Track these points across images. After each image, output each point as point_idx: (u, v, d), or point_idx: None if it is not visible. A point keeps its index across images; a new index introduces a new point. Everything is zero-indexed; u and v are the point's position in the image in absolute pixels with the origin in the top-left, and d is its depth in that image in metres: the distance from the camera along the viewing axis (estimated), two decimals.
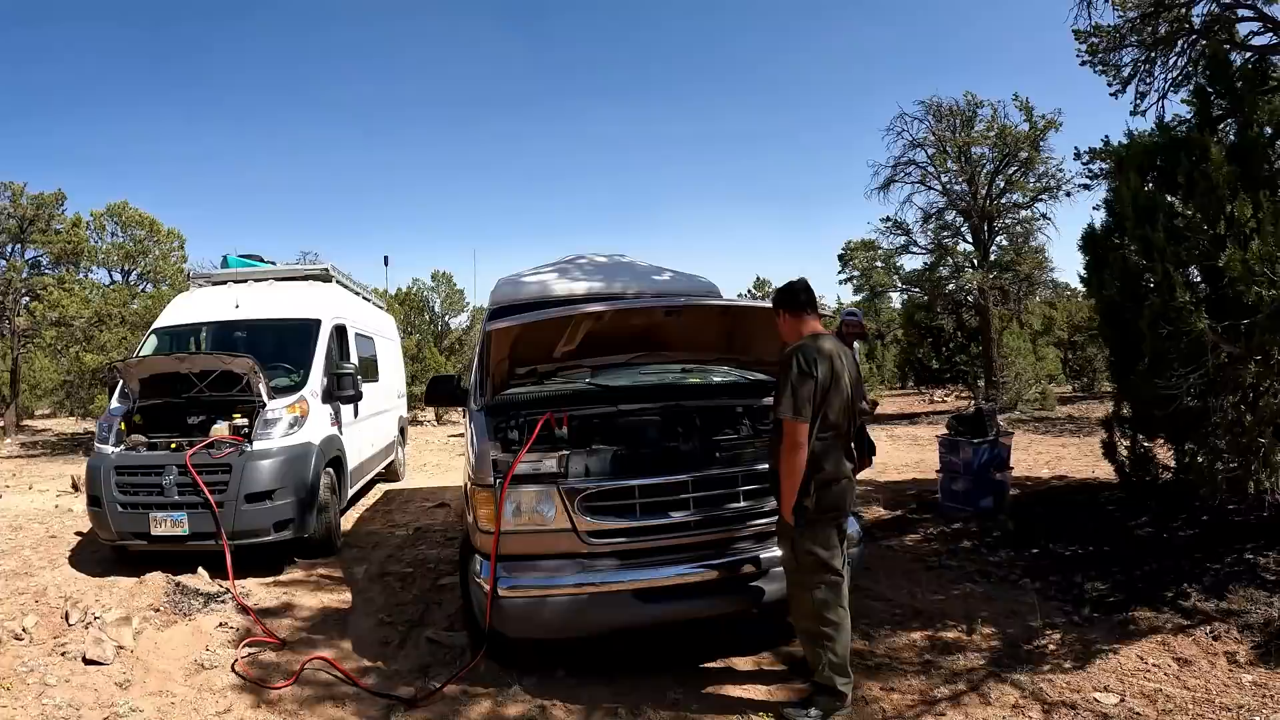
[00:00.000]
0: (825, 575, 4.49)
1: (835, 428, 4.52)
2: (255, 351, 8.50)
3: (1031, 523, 8.15)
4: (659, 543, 5.02)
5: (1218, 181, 5.46)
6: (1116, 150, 8.32)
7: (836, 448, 4.55)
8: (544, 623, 4.90)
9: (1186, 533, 7.13)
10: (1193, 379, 5.52)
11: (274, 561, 7.99)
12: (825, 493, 4.47)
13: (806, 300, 4.78)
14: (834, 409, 4.49)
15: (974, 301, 25.63)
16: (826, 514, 4.49)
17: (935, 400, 30.17)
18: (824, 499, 4.46)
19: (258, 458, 7.80)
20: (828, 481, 4.48)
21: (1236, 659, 5.04)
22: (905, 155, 26.21)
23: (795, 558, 4.54)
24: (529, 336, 5.60)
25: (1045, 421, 19.91)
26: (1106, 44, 11.33)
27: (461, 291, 37.87)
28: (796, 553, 4.52)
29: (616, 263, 7.80)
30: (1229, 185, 5.46)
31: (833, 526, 4.55)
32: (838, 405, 4.51)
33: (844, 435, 4.61)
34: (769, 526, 5.06)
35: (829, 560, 4.50)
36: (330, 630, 6.28)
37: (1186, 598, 5.89)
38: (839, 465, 4.55)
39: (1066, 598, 6.23)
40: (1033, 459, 13.18)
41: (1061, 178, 24.67)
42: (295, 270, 11.59)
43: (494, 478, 4.94)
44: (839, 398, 4.51)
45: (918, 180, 26.37)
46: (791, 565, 4.60)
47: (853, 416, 4.66)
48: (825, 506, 4.47)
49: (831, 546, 4.52)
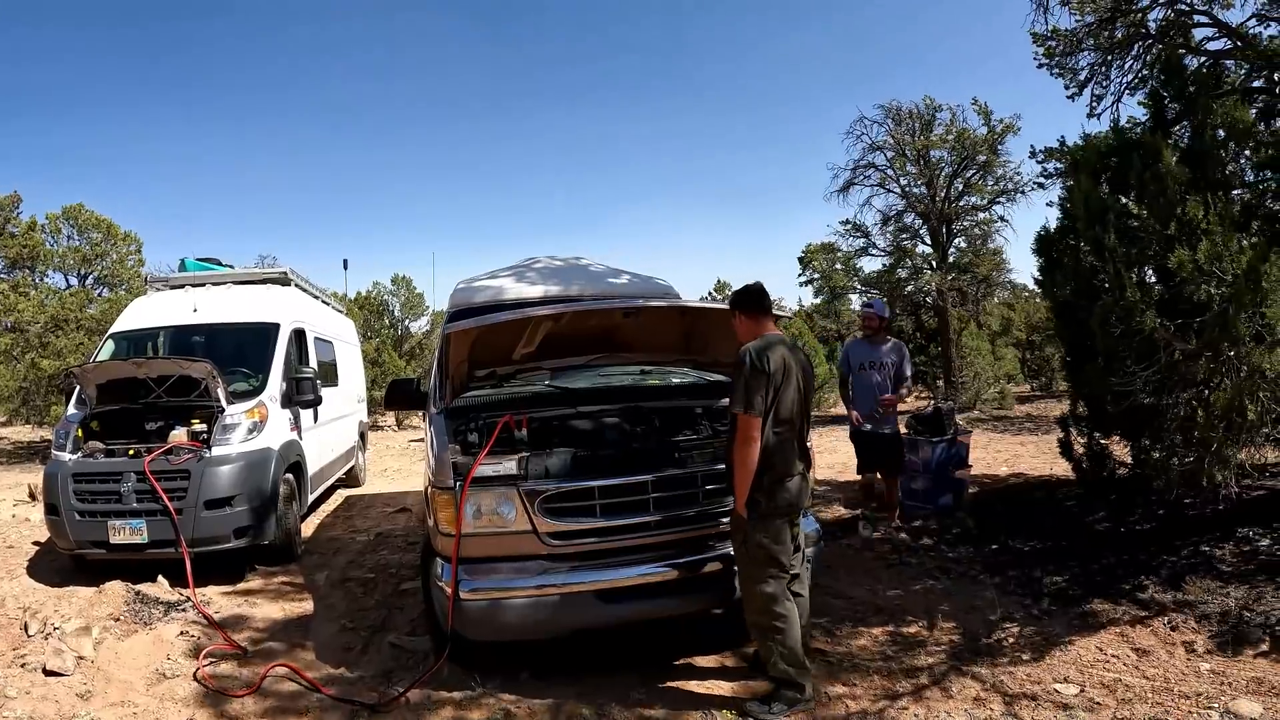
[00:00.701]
0: (774, 569, 4.58)
1: (788, 424, 4.61)
2: (214, 356, 8.41)
3: (991, 520, 8.26)
4: (620, 543, 5.04)
5: (1170, 184, 5.55)
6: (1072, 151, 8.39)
7: (789, 444, 4.64)
8: (506, 625, 4.90)
9: (1143, 527, 7.28)
10: (1146, 376, 5.60)
11: (234, 569, 7.88)
12: (778, 488, 4.57)
13: (763, 304, 4.91)
14: (786, 406, 4.59)
15: (933, 303, 25.93)
16: (779, 509, 4.59)
17: None
18: (777, 494, 4.56)
19: (217, 464, 7.69)
20: (781, 477, 4.58)
21: (1194, 648, 5.13)
22: (865, 158, 26.70)
23: (746, 551, 4.62)
24: (488, 339, 5.58)
25: (1004, 420, 20.16)
26: (1063, 48, 11.48)
27: (421, 295, 37.61)
28: (748, 546, 4.60)
29: (574, 265, 7.81)
30: (1181, 187, 5.56)
31: (785, 522, 4.64)
32: (790, 402, 4.61)
33: (797, 432, 4.70)
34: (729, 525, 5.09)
35: (778, 555, 4.58)
36: (292, 637, 6.22)
37: (1144, 590, 5.99)
38: (792, 461, 4.65)
39: (1025, 592, 6.31)
40: (992, 457, 13.33)
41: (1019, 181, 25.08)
42: (254, 274, 11.46)
43: (454, 480, 4.92)
44: (791, 395, 4.62)
45: (877, 183, 26.84)
46: (743, 558, 4.68)
47: (805, 415, 4.78)
48: (778, 501, 4.57)
49: (782, 541, 4.61)
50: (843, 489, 10.95)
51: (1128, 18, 10.32)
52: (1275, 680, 4.65)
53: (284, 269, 11.34)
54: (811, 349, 27.21)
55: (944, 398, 22.66)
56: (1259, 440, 5.77)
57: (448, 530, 4.94)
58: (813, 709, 4.61)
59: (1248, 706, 4.37)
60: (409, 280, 37.72)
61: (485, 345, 5.68)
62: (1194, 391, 5.45)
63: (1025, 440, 15.82)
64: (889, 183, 26.76)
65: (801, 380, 4.73)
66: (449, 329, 5.51)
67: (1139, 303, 5.34)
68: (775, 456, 4.56)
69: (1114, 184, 6.36)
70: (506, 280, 7.38)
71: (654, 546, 5.07)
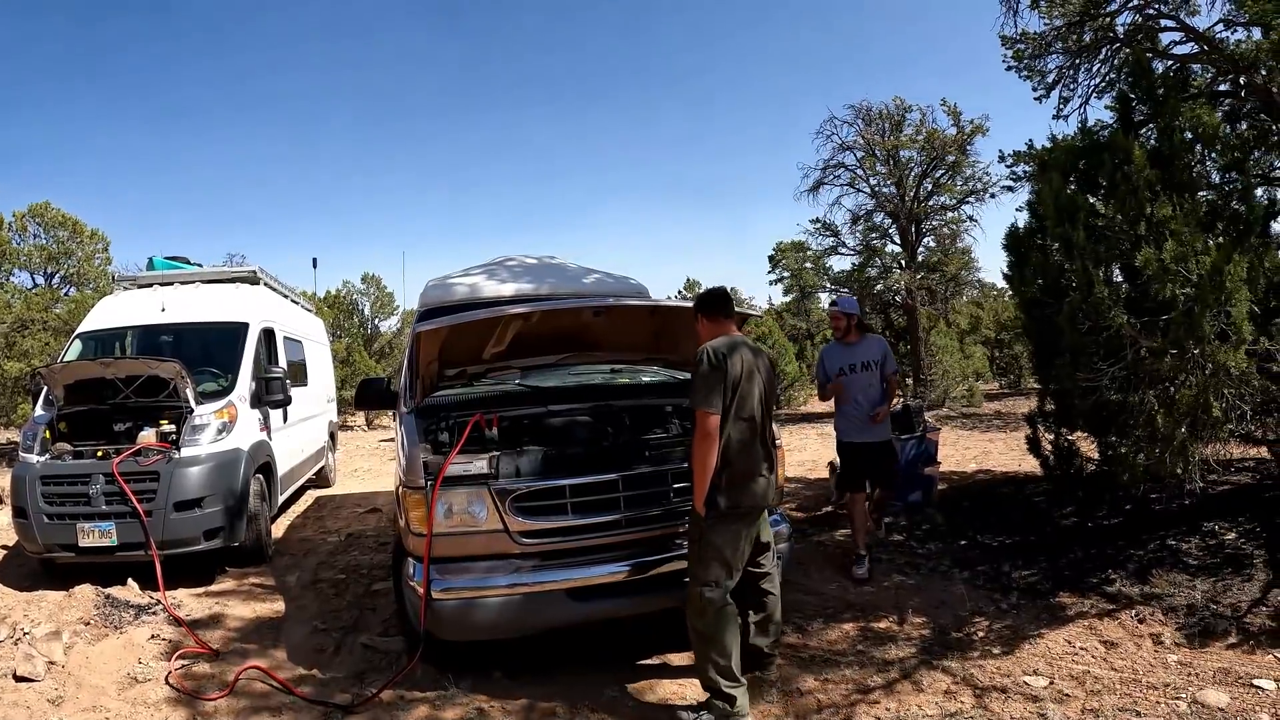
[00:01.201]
0: (720, 573, 4.49)
1: (750, 422, 4.57)
2: (182, 356, 8.32)
3: (960, 516, 8.36)
4: (591, 541, 5.04)
5: (1139, 184, 5.61)
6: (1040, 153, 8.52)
7: (752, 443, 4.60)
8: (478, 624, 4.89)
9: (1110, 522, 7.37)
10: (1112, 372, 5.67)
11: (205, 571, 7.79)
12: (740, 487, 4.51)
13: (724, 307, 4.89)
14: (748, 405, 4.56)
15: (902, 301, 26.10)
16: (739, 509, 4.52)
17: None
18: (737, 493, 4.50)
19: (186, 465, 7.61)
20: (743, 477, 4.53)
21: (1161, 640, 5.21)
22: (834, 158, 26.80)
23: (698, 550, 4.55)
24: (458, 338, 5.58)
25: (973, 418, 20.34)
26: (1032, 50, 11.58)
27: (391, 294, 37.29)
28: (701, 545, 4.53)
29: (546, 264, 7.81)
30: (1150, 188, 5.63)
31: (743, 524, 4.59)
32: (752, 401, 4.58)
33: (760, 432, 4.65)
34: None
35: (730, 559, 4.52)
36: (264, 639, 6.17)
37: (1111, 583, 6.08)
38: (755, 461, 4.60)
39: (995, 586, 6.38)
40: (961, 454, 13.46)
41: (988, 181, 25.30)
42: (222, 273, 11.36)
43: (425, 480, 4.91)
44: (754, 394, 4.60)
45: (846, 183, 26.99)
46: (693, 557, 4.60)
47: (768, 414, 4.75)
48: (738, 501, 4.50)
49: (736, 546, 4.55)
50: (814, 486, 11.01)
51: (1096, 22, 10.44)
52: (1241, 670, 4.73)
53: (253, 268, 11.24)
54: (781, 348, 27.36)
55: (913, 395, 22.86)
56: (1224, 436, 5.85)
57: (419, 530, 4.92)
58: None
59: (1215, 696, 4.44)
60: (379, 279, 37.43)
61: (455, 344, 5.67)
62: (1160, 388, 5.52)
63: (994, 437, 15.98)
64: (859, 182, 26.89)
65: (764, 380, 4.71)
66: (418, 328, 5.49)
67: (1106, 300, 5.41)
68: (736, 455, 4.51)
69: (1082, 184, 6.45)
70: (478, 278, 7.36)
71: (625, 544, 5.08)
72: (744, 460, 4.54)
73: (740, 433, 4.53)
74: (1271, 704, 4.35)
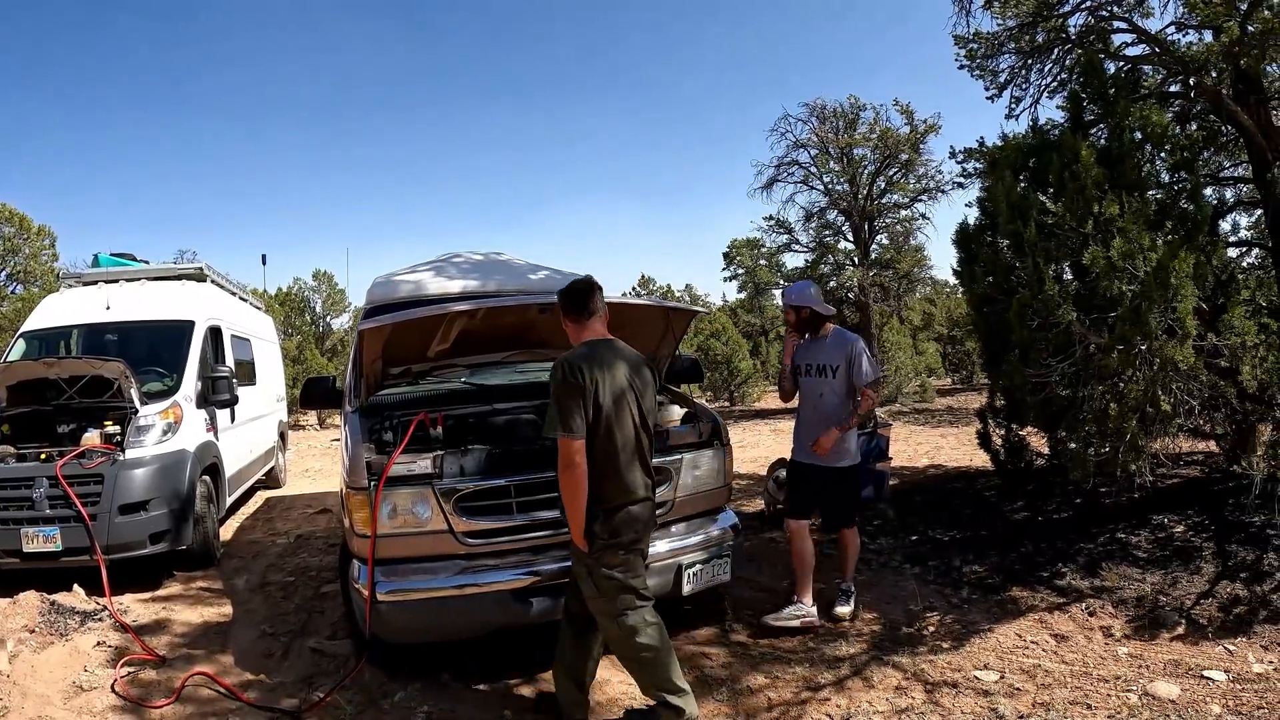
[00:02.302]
0: (630, 599, 4.11)
1: (622, 441, 4.08)
2: (127, 354, 8.14)
3: (911, 511, 8.38)
4: (538, 541, 4.98)
5: (1087, 183, 5.66)
6: (992, 150, 8.55)
7: (628, 466, 4.11)
8: (425, 626, 4.82)
9: (1060, 516, 7.42)
10: (1061, 368, 5.71)
11: (152, 575, 7.60)
12: (615, 517, 4.07)
13: (585, 304, 4.28)
14: (616, 421, 4.05)
15: (855, 298, 26.26)
16: (620, 539, 4.08)
17: None
18: (614, 524, 4.07)
19: (131, 467, 7.38)
20: (618, 505, 4.08)
21: (1112, 633, 5.26)
22: (788, 155, 26.89)
23: (595, 585, 4.11)
24: (403, 336, 5.46)
25: (925, 413, 20.55)
26: (985, 50, 11.57)
27: (343, 291, 37.11)
28: (595, 580, 4.11)
29: (493, 261, 7.70)
30: (1098, 186, 5.68)
31: (632, 552, 4.17)
32: (623, 416, 4.08)
33: (636, 450, 4.15)
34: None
35: (632, 583, 4.12)
36: (211, 644, 6.02)
37: (1062, 577, 6.13)
38: (631, 485, 4.11)
39: (945, 581, 6.41)
40: (913, 449, 13.56)
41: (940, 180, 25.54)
42: (170, 270, 11.14)
43: (368, 480, 4.81)
44: (624, 408, 4.09)
45: (800, 180, 27.13)
46: (592, 594, 4.15)
47: (644, 429, 4.20)
48: (617, 532, 4.07)
49: (634, 568, 4.16)
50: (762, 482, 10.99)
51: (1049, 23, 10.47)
52: (1191, 662, 4.78)
53: (200, 264, 11.06)
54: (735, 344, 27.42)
55: None
56: (1172, 431, 5.92)
57: (363, 531, 4.82)
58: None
59: (1165, 688, 4.48)
60: (330, 276, 37.21)
61: (400, 342, 5.55)
62: (1109, 384, 5.58)
63: (946, 432, 16.14)
64: (812, 180, 27.07)
65: (638, 389, 4.18)
66: (362, 326, 5.38)
67: (1056, 297, 5.45)
68: (609, 481, 4.06)
69: (1033, 182, 6.50)
70: (424, 275, 7.23)
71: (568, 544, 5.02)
72: (619, 486, 4.08)
73: (611, 455, 4.05)
74: (1222, 695, 4.40)
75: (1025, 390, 6.00)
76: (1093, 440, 5.84)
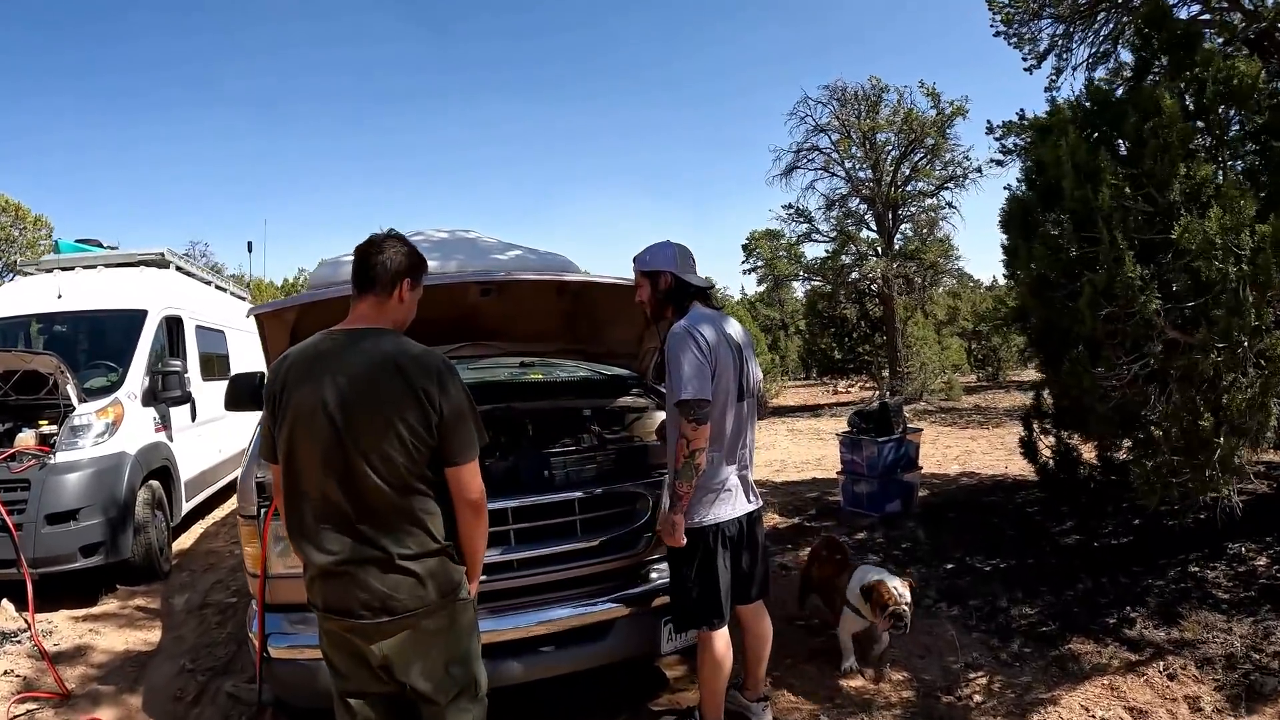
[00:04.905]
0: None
1: (308, 481, 2.68)
2: (76, 347, 8.08)
3: (944, 531, 7.30)
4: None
5: (1173, 139, 4.57)
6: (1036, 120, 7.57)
7: (324, 518, 2.66)
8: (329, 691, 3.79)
9: (1119, 540, 6.40)
10: (1135, 368, 4.65)
11: (93, 588, 7.01)
12: (315, 580, 2.72)
13: (360, 274, 2.86)
14: (306, 452, 2.66)
15: (878, 290, 25.19)
16: (329, 612, 2.71)
17: (839, 391, 29.63)
18: (320, 589, 2.72)
19: (61, 471, 6.80)
20: (316, 571, 2.70)
21: (1200, 706, 4.14)
22: (808, 140, 25.85)
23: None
24: (315, 323, 4.42)
25: (952, 412, 19.46)
26: (1023, 14, 10.71)
27: None
28: None
29: (458, 238, 6.55)
30: (1183, 143, 4.59)
31: (345, 637, 2.72)
32: (313, 447, 2.64)
33: (335, 500, 2.63)
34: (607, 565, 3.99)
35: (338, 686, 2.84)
36: (124, 679, 5.34)
37: (1130, 624, 5.02)
38: (322, 546, 2.66)
39: (990, 627, 5.28)
40: (941, 454, 12.45)
41: (968, 166, 24.45)
42: (129, 256, 10.42)
43: (258, 506, 3.80)
44: (314, 432, 2.62)
45: (821, 166, 26.06)
46: None
47: (346, 465, 2.60)
48: (327, 601, 2.71)
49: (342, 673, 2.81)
50: (780, 492, 9.96)
51: None
52: None
53: (161, 249, 10.32)
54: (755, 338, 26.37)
55: (889, 389, 21.97)
56: (1264, 442, 4.85)
57: (253, 569, 3.85)
58: None
59: None
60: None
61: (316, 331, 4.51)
62: (1201, 389, 4.47)
63: (975, 434, 15.03)
64: (833, 166, 25.93)
65: (343, 390, 2.62)
66: (256, 310, 4.35)
67: (1137, 280, 4.33)
68: (301, 536, 2.73)
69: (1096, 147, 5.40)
70: None
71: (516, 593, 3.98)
72: (312, 544, 2.69)
73: (300, 496, 2.71)
74: None
75: (1094, 394, 4.85)
76: (1170, 456, 4.73)
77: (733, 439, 3.76)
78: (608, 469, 4.18)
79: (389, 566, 2.61)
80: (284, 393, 2.69)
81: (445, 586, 2.69)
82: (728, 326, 3.83)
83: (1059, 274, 4.96)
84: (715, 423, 3.63)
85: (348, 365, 2.64)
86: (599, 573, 4.08)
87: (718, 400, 3.63)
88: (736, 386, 3.74)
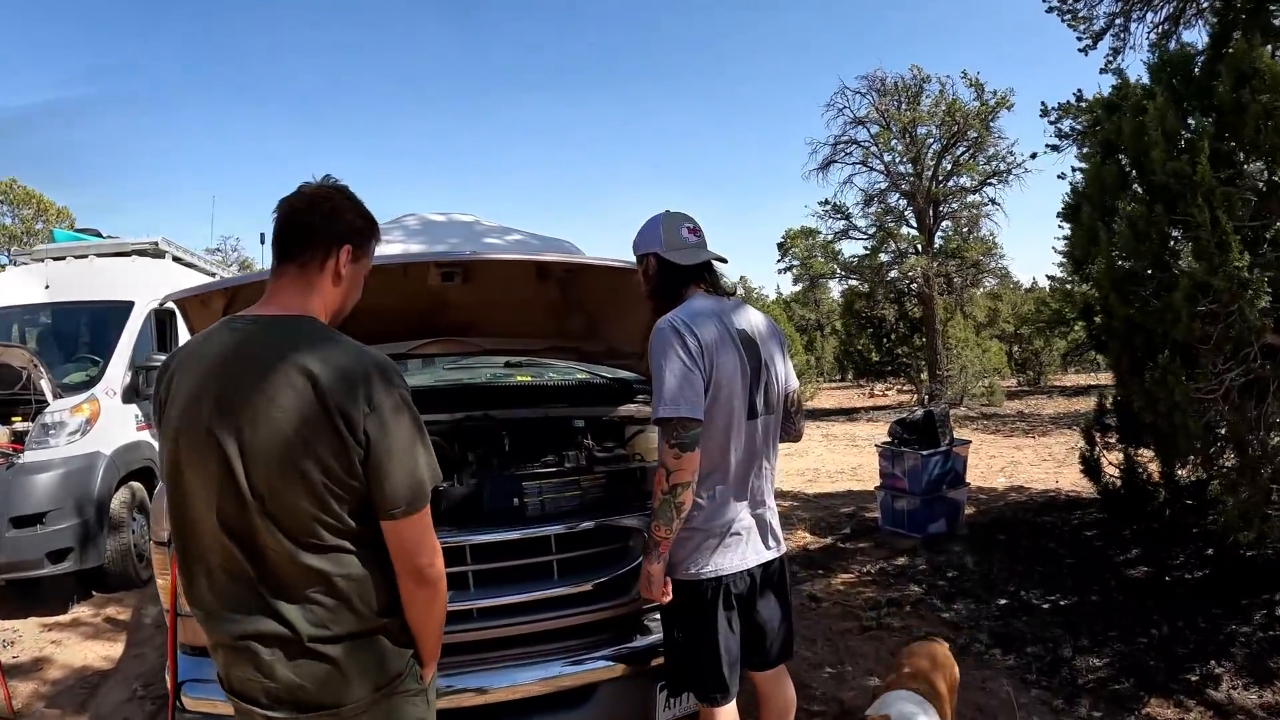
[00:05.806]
0: None
1: (198, 523, 1.85)
2: (63, 340, 8.04)
3: (994, 557, 6.52)
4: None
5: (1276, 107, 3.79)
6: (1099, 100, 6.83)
7: (220, 569, 1.86)
8: None
9: (1193, 575, 5.61)
10: (1231, 378, 3.88)
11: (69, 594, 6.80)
12: (220, 656, 1.92)
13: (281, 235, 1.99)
14: (194, 485, 1.84)
15: (918, 290, 24.31)
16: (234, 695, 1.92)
17: (876, 394, 28.79)
18: (220, 663, 1.94)
19: (29, 472, 6.53)
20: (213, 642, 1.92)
21: None
22: (846, 133, 25.03)
23: None
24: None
25: (994, 418, 18.61)
26: None
27: None
28: None
29: (452, 222, 5.74)
30: None
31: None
32: (201, 481, 1.82)
33: (231, 551, 1.82)
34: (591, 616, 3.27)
35: None
36: (73, 702, 5.01)
37: (1216, 683, 4.23)
38: (215, 610, 1.87)
39: (1053, 683, 4.44)
40: (985, 464, 11.61)
41: (1012, 161, 23.56)
42: (122, 245, 10.10)
43: (166, 532, 3.04)
44: (202, 460, 1.81)
45: (859, 160, 25.23)
46: None
47: (240, 512, 1.79)
48: (226, 681, 1.93)
49: None
50: (812, 505, 9.21)
51: None
52: None
53: (155, 239, 9.96)
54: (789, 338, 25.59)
55: (929, 393, 21.21)
56: None
57: (164, 603, 3.26)
58: None
59: None
60: None
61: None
62: None
63: (1020, 443, 14.15)
64: (872, 160, 25.07)
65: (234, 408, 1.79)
66: (174, 296, 3.62)
67: (1246, 270, 3.53)
68: (191, 589, 1.91)
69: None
70: None
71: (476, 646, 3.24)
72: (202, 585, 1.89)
73: (190, 537, 1.88)
74: None
75: (1187, 408, 4.02)
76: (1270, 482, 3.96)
77: (742, 468, 2.86)
78: (595, 496, 3.42)
79: (297, 650, 1.81)
80: (169, 404, 1.88)
81: (379, 677, 1.88)
82: (738, 319, 2.93)
83: (1148, 263, 4.13)
84: (715, 448, 2.77)
85: (244, 373, 1.80)
86: (581, 625, 3.31)
87: (717, 419, 2.76)
88: (745, 399, 2.83)
